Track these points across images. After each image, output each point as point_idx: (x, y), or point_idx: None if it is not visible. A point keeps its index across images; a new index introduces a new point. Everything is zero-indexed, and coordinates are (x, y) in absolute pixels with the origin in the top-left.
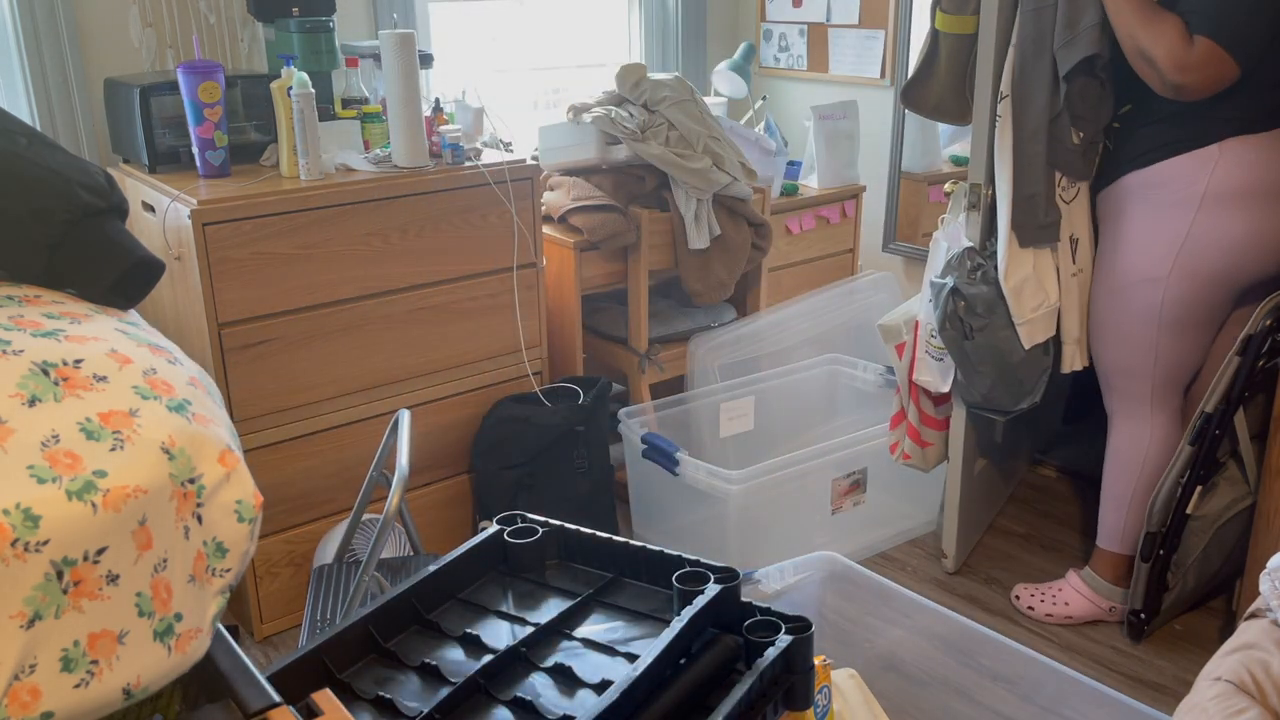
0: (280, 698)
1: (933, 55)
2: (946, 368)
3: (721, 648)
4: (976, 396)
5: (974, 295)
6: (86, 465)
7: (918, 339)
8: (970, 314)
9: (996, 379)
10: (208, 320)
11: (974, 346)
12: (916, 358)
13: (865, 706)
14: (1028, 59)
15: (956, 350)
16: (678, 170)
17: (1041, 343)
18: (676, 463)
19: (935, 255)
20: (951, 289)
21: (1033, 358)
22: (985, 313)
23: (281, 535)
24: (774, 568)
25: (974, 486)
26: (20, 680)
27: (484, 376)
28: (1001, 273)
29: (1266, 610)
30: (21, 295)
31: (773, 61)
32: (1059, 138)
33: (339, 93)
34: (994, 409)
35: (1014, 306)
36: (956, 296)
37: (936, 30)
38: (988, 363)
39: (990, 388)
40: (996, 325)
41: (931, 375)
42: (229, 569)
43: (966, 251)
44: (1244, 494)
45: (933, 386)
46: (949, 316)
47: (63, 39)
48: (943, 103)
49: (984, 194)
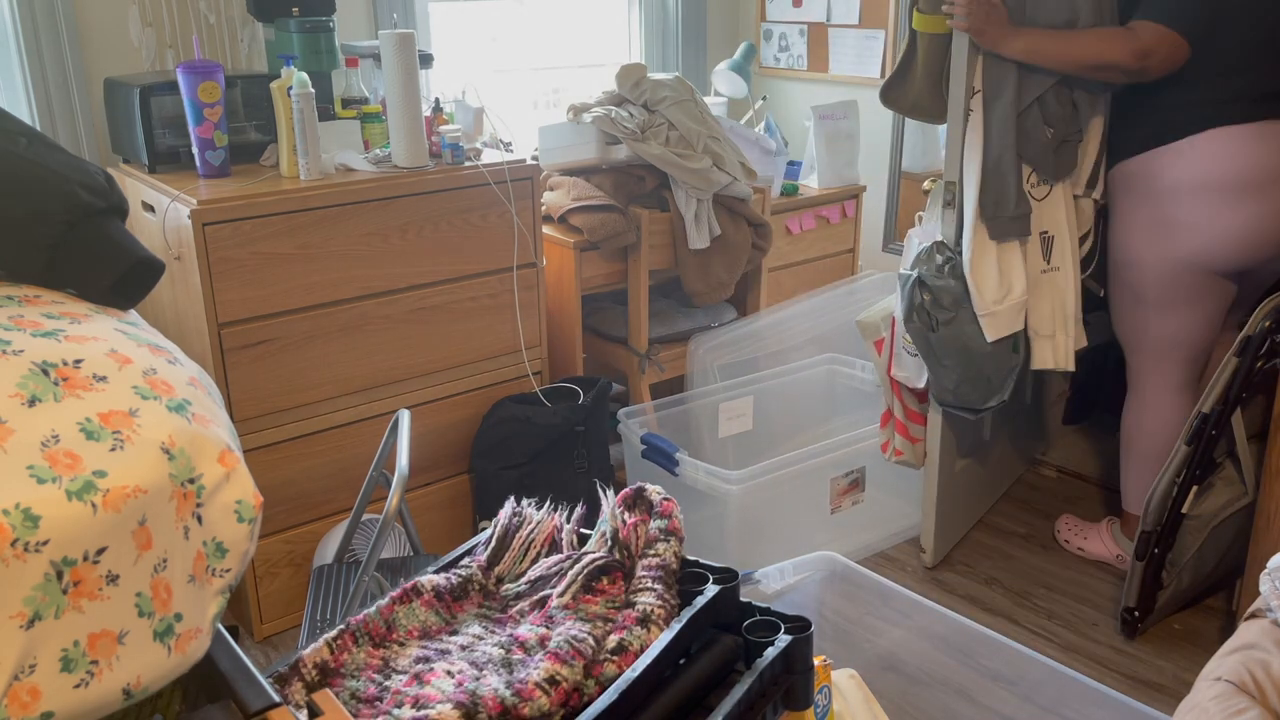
0: (280, 698)
1: (910, 55)
2: (921, 363)
3: (721, 648)
4: (946, 394)
5: (940, 288)
6: (86, 465)
7: (894, 334)
8: (936, 307)
9: (963, 374)
10: (208, 320)
11: (939, 339)
12: (894, 353)
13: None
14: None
15: (922, 343)
16: (678, 170)
17: (1007, 337)
18: (676, 463)
19: (908, 251)
20: (916, 280)
21: (999, 353)
22: (952, 305)
23: (281, 535)
24: (774, 568)
25: (955, 483)
26: (20, 680)
27: (484, 376)
28: (966, 263)
29: (1266, 610)
30: (21, 295)
31: (773, 61)
32: (1028, 132)
33: (339, 93)
34: (963, 406)
35: (975, 298)
36: (922, 289)
37: (914, 30)
38: (953, 356)
39: (957, 383)
40: (963, 319)
41: (907, 370)
42: (229, 569)
43: (936, 245)
44: (1240, 494)
45: (909, 382)
46: (915, 309)
47: (63, 39)
48: (920, 101)
49: (958, 190)
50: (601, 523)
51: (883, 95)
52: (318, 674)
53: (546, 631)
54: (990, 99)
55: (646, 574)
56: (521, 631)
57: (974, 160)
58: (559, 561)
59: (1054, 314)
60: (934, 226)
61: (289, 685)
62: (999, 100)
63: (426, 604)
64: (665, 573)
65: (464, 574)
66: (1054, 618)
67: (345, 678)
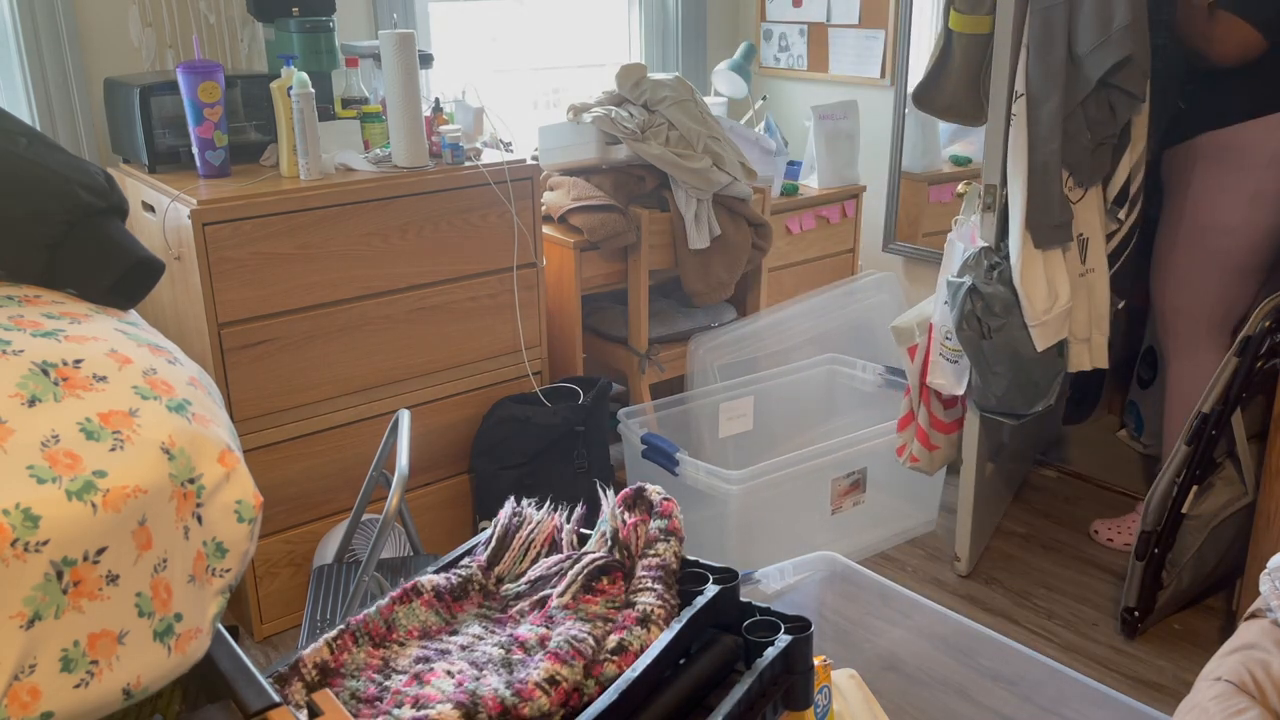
0: (280, 698)
1: (946, 55)
2: (961, 370)
3: (721, 648)
4: (991, 400)
5: (991, 295)
6: (86, 465)
7: (932, 341)
8: (988, 313)
9: (1012, 380)
10: (208, 320)
11: (991, 347)
12: (930, 360)
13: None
14: (1038, 58)
15: (973, 350)
16: (678, 170)
17: (1055, 344)
18: (676, 463)
19: (950, 256)
20: (970, 288)
21: (1047, 359)
22: (1003, 312)
23: (281, 535)
24: (774, 568)
25: (985, 489)
26: (20, 680)
27: (484, 376)
28: (1016, 273)
29: (1266, 610)
30: (21, 295)
31: (773, 61)
32: (1073, 136)
33: (339, 93)
34: (1008, 412)
35: (1026, 308)
36: (975, 296)
37: (950, 30)
38: (1004, 363)
39: (1006, 389)
40: (1014, 325)
41: (946, 378)
42: (229, 569)
43: (983, 250)
44: (1240, 494)
45: (947, 390)
46: (966, 316)
47: (63, 39)
48: (956, 103)
49: (999, 195)
50: (601, 523)
51: (915, 97)
52: (318, 674)
53: (546, 631)
54: (1037, 101)
55: (646, 574)
56: (521, 631)
57: (1019, 165)
58: (559, 561)
59: (1090, 316)
60: (971, 230)
61: (289, 685)
62: (1046, 103)
63: (426, 604)
64: (665, 573)
65: (464, 574)
66: (1054, 618)
67: (345, 678)
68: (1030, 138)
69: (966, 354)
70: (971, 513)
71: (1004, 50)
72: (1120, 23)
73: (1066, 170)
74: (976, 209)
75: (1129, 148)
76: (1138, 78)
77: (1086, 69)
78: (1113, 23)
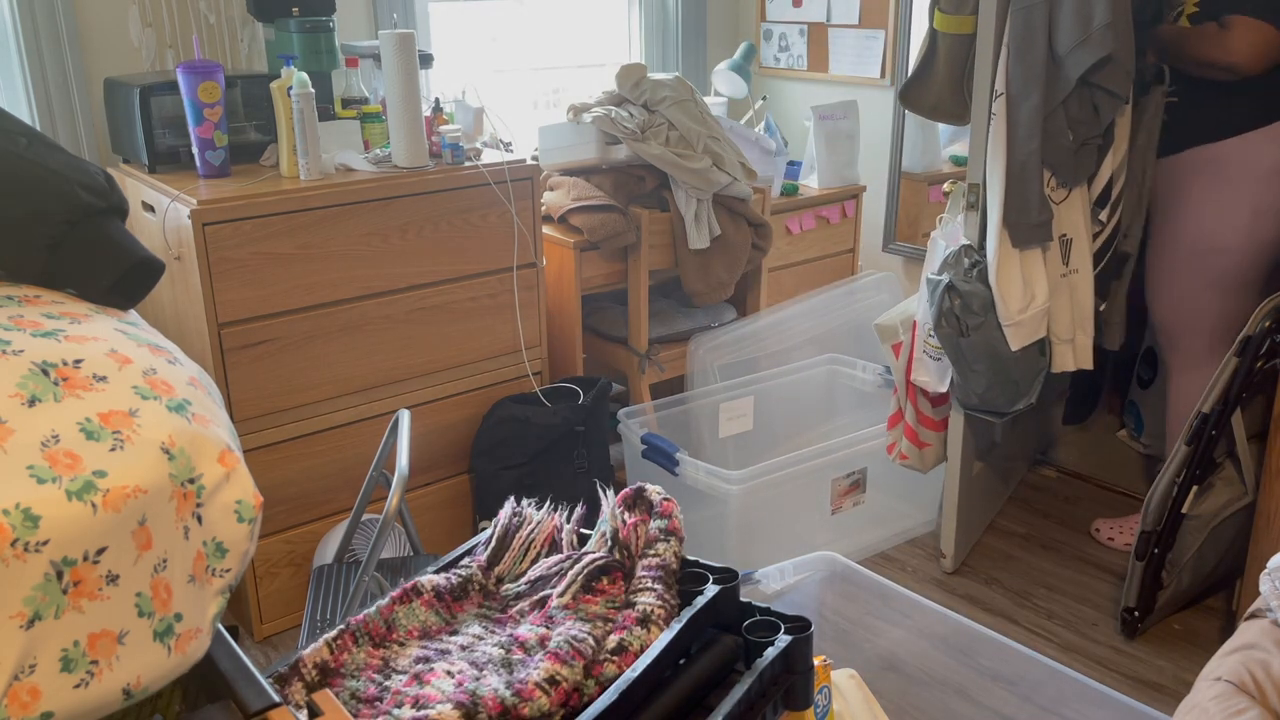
0: (280, 698)
1: (931, 55)
2: (944, 368)
3: (721, 648)
4: (973, 398)
5: (969, 292)
6: (86, 465)
7: (915, 339)
8: (966, 311)
9: (992, 379)
10: (208, 320)
11: (969, 344)
12: (914, 358)
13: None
14: (1019, 57)
15: (952, 348)
16: (678, 170)
17: (1033, 343)
18: (676, 463)
19: (933, 254)
20: (947, 285)
21: (1027, 357)
22: (981, 310)
23: (281, 535)
24: (774, 568)
25: (972, 487)
26: (20, 680)
27: (484, 376)
28: (991, 271)
29: (1266, 610)
30: (21, 295)
31: (773, 61)
32: (1053, 136)
33: (339, 93)
34: (990, 410)
35: (1000, 307)
36: (952, 293)
37: (935, 30)
38: (983, 361)
39: (986, 388)
40: (992, 323)
41: (929, 375)
42: (229, 569)
43: (963, 249)
44: (1240, 494)
45: (930, 387)
46: (945, 313)
47: (63, 39)
48: (941, 103)
49: (981, 193)
50: (601, 523)
51: (902, 96)
52: (318, 674)
53: (546, 631)
54: (1016, 101)
55: (646, 574)
56: (521, 631)
57: (997, 164)
58: (559, 561)
59: (1073, 317)
60: (956, 229)
61: (289, 685)
62: (1025, 103)
63: (426, 604)
64: (665, 573)
65: (464, 574)
66: (1054, 618)
67: (345, 678)
68: (1010, 137)
69: (946, 351)
70: (956, 508)
71: (986, 50)
72: (1100, 22)
73: (1049, 170)
74: (962, 208)
75: (1112, 149)
76: (1120, 77)
77: (1067, 68)
78: (1093, 22)
